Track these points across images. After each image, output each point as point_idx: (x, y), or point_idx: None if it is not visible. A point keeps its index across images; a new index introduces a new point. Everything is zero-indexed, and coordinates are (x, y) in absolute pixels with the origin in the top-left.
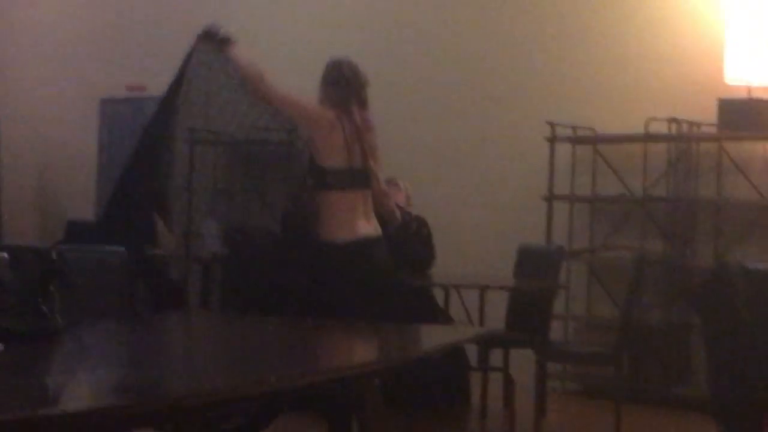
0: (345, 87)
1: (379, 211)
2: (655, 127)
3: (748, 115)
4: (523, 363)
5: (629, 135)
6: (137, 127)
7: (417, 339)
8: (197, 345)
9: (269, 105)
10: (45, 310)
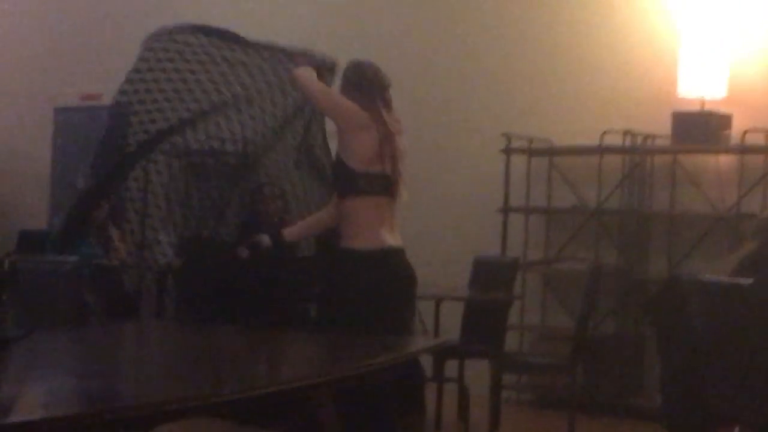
0: (369, 89)
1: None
2: (610, 140)
3: (701, 128)
4: (478, 374)
5: (584, 147)
6: (93, 138)
7: (373, 350)
8: (149, 354)
9: (309, 99)
10: None
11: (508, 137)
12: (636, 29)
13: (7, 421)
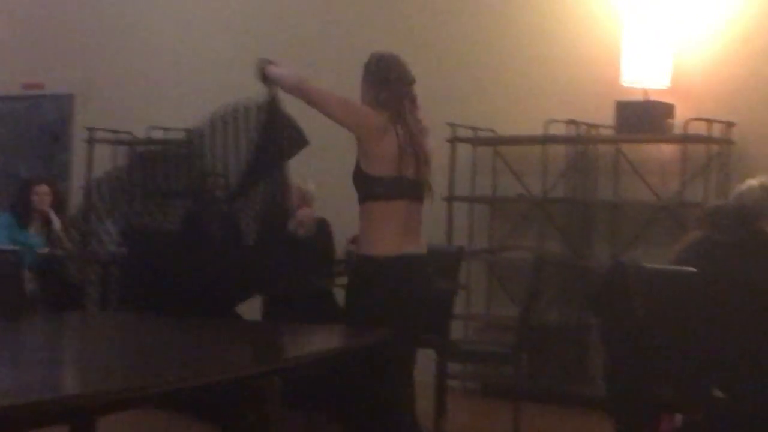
0: (395, 86)
1: None
2: (554, 129)
3: (644, 118)
4: (423, 362)
5: (529, 137)
6: (33, 126)
7: (317, 340)
8: (94, 345)
9: (315, 108)
10: None
11: (452, 127)
12: (579, 19)
13: None
